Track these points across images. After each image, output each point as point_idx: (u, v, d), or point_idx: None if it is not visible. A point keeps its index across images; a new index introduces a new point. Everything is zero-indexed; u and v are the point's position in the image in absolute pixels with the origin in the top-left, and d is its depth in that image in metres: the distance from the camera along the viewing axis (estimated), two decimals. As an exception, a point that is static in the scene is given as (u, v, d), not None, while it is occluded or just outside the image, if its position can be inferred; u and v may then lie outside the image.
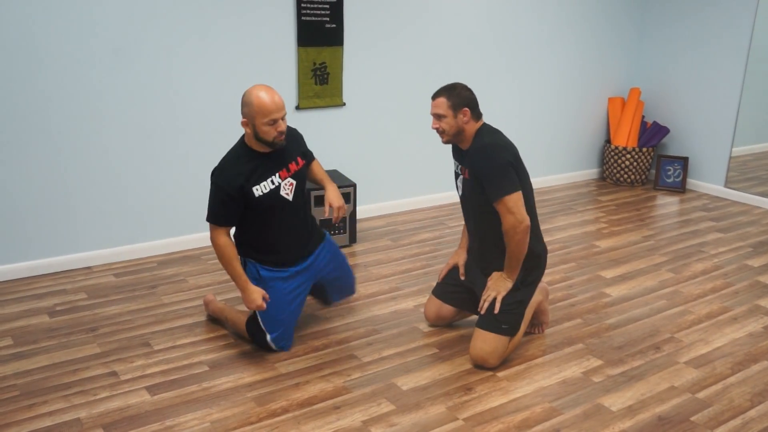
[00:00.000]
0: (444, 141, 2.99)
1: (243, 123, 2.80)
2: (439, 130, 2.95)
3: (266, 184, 2.86)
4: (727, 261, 4.30)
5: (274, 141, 2.80)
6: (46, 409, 2.61)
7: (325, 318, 3.41)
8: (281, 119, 2.77)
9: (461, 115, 2.91)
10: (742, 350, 3.19)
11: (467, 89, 2.94)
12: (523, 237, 2.87)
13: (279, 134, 2.79)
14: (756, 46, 5.39)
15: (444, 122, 2.92)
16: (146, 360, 2.98)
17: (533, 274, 3.04)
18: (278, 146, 2.84)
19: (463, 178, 3.04)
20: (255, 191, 2.83)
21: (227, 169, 2.83)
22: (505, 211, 2.85)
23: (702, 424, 2.62)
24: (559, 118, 5.91)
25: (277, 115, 2.74)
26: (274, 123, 2.75)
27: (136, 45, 3.86)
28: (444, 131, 2.94)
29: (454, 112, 2.90)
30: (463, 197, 3.09)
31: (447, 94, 2.92)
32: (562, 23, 5.64)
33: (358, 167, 4.89)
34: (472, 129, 2.96)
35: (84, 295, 3.62)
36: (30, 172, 3.72)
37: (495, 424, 2.58)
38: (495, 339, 2.93)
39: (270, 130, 2.76)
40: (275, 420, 2.58)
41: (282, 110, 2.76)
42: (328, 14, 4.44)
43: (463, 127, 2.93)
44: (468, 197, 3.04)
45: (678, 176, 5.92)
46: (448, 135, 2.96)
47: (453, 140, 2.99)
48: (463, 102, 2.90)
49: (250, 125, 2.78)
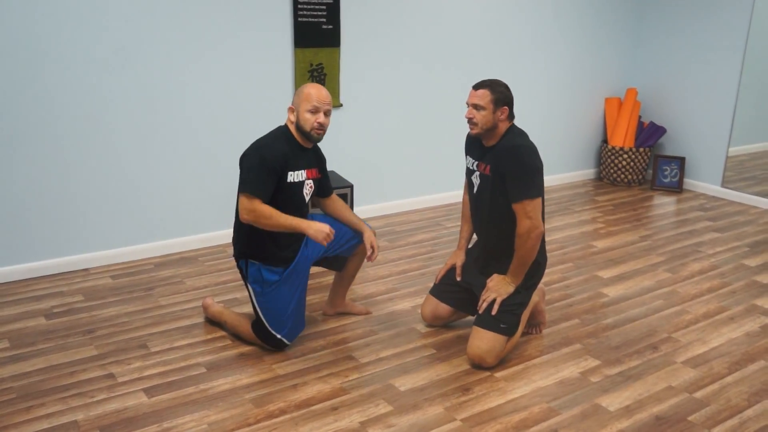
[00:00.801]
0: (473, 132, 2.96)
1: (289, 109, 2.96)
2: (473, 120, 2.92)
3: (298, 173, 2.95)
4: (724, 261, 4.31)
5: (311, 132, 2.90)
6: (43, 411, 2.61)
7: (323, 319, 3.41)
8: (323, 113, 2.89)
9: (499, 112, 2.91)
10: (739, 350, 3.19)
11: (509, 88, 2.95)
12: (535, 243, 2.89)
13: (318, 126, 2.89)
14: (752, 46, 5.40)
15: (481, 114, 2.90)
16: (143, 362, 2.98)
17: (533, 279, 3.05)
18: (313, 139, 2.94)
19: (480, 173, 3.03)
20: (289, 176, 2.91)
21: (272, 144, 2.90)
22: (523, 214, 2.86)
23: (699, 423, 2.62)
24: (556, 119, 5.92)
25: (319, 105, 2.87)
26: (315, 112, 2.87)
27: (135, 46, 3.86)
28: (478, 123, 2.92)
29: (495, 107, 2.90)
30: (477, 194, 3.08)
31: (491, 87, 2.91)
32: (558, 23, 5.64)
33: (355, 168, 4.89)
34: (503, 127, 2.96)
35: (81, 297, 3.62)
36: (27, 173, 3.72)
37: (493, 425, 2.58)
38: (493, 338, 2.93)
39: (310, 118, 2.88)
40: (273, 421, 2.58)
41: (325, 103, 2.89)
42: (324, 15, 4.44)
43: (498, 123, 2.93)
44: (483, 194, 3.03)
45: (675, 176, 5.93)
46: (481, 128, 2.93)
47: (482, 134, 2.96)
48: (505, 100, 2.91)
49: (295, 111, 2.93)
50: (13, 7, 3.48)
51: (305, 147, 3.00)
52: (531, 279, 3.04)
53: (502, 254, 3.04)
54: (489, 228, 3.06)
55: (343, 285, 3.38)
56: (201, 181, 4.26)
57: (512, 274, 2.98)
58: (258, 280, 2.99)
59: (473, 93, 2.94)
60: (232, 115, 4.28)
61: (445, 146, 5.30)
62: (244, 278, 3.04)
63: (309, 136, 2.92)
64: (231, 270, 4.00)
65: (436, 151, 5.27)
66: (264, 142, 2.91)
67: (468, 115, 2.94)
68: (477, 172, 3.05)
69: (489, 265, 3.11)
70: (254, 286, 3.00)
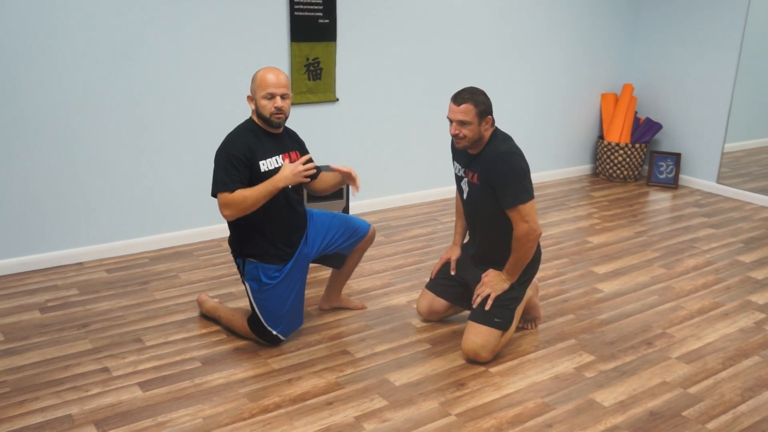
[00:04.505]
0: (460, 146, 2.91)
1: (248, 98, 2.93)
2: (459, 135, 2.86)
3: (271, 161, 2.90)
4: (719, 257, 4.32)
5: (271, 117, 2.86)
6: (38, 405, 2.60)
7: (318, 314, 3.41)
8: (280, 96, 2.84)
9: (485, 123, 2.87)
10: (733, 345, 3.20)
11: (487, 95, 2.89)
12: (533, 245, 2.89)
13: (276, 110, 2.85)
14: (748, 42, 5.40)
15: (468, 129, 2.84)
16: (138, 356, 2.98)
17: (527, 274, 3.06)
18: (275, 124, 2.89)
19: (468, 181, 3.02)
20: (261, 165, 2.86)
21: (235, 139, 2.86)
22: (519, 218, 2.85)
23: (693, 418, 2.63)
24: (551, 114, 5.92)
25: (274, 90, 2.83)
26: (271, 98, 2.83)
27: (129, 40, 3.84)
28: (465, 137, 2.86)
29: (479, 120, 2.84)
30: (468, 200, 3.07)
31: (473, 100, 2.82)
32: (554, 19, 5.64)
33: (350, 163, 4.88)
34: (488, 135, 2.93)
35: (75, 291, 3.61)
36: (21, 167, 3.70)
37: (488, 420, 2.58)
38: (488, 332, 2.93)
39: (267, 104, 2.84)
40: (268, 416, 2.57)
41: (281, 87, 2.84)
42: (321, 9, 4.43)
43: (483, 134, 2.89)
44: (474, 201, 3.02)
45: (670, 172, 5.94)
46: (469, 141, 2.87)
47: (469, 147, 2.92)
48: (488, 110, 2.86)
49: (253, 100, 2.90)
50: (15, 4, 3.47)
51: (274, 133, 2.96)
52: (525, 274, 3.04)
53: (497, 252, 3.05)
54: (483, 231, 3.06)
55: (339, 281, 3.37)
56: (196, 175, 4.25)
57: (508, 273, 2.98)
58: (255, 278, 2.98)
59: (455, 109, 2.84)
60: (227, 110, 4.26)
61: (441, 141, 5.29)
62: (242, 275, 3.04)
63: (270, 122, 2.88)
64: (226, 264, 4.00)
65: (433, 146, 5.27)
66: (229, 138, 2.88)
67: (454, 132, 2.87)
68: (465, 179, 3.04)
69: (484, 261, 3.11)
70: (251, 283, 2.99)
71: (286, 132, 3.06)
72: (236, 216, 2.81)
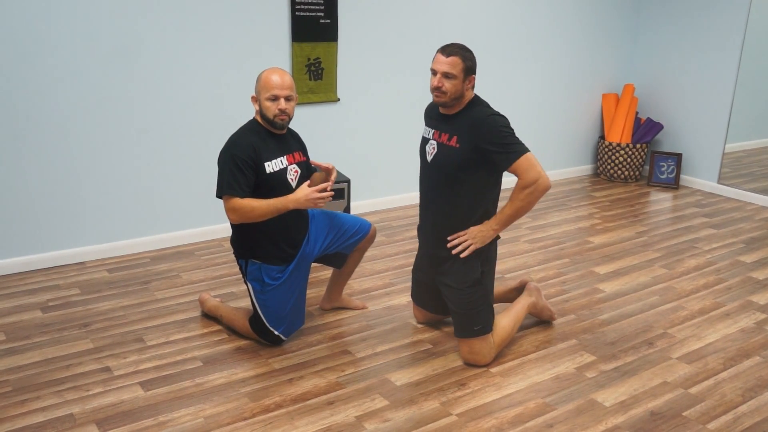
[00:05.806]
0: (439, 101, 2.81)
1: (252, 98, 2.93)
2: (442, 88, 2.77)
3: (276, 162, 2.90)
4: (720, 257, 4.32)
5: (274, 119, 2.86)
6: (39, 404, 2.61)
7: (319, 314, 3.41)
8: (284, 98, 2.84)
9: (468, 82, 2.80)
10: (734, 346, 3.20)
11: (474, 54, 2.82)
12: (539, 195, 2.78)
13: (280, 112, 2.84)
14: (749, 42, 5.40)
15: (452, 83, 2.75)
16: (139, 356, 2.98)
17: (490, 251, 2.96)
18: (279, 126, 2.89)
19: (438, 143, 2.89)
20: (267, 166, 2.86)
21: (240, 140, 2.86)
22: (528, 166, 2.74)
23: (694, 419, 2.63)
24: (553, 114, 5.92)
25: (278, 92, 2.82)
26: (275, 99, 2.83)
27: (130, 41, 3.84)
28: (447, 92, 2.77)
29: (465, 76, 2.78)
30: (431, 164, 2.93)
31: (462, 55, 2.75)
32: (555, 19, 5.64)
33: (352, 163, 4.89)
34: (468, 97, 2.86)
35: (77, 290, 3.61)
36: (22, 167, 3.71)
37: (488, 420, 2.59)
38: (476, 342, 2.92)
39: (271, 106, 2.84)
40: (269, 416, 2.58)
41: (285, 89, 2.83)
42: (322, 10, 4.43)
43: (465, 93, 2.82)
44: (438, 163, 2.89)
45: (671, 172, 5.93)
46: (450, 97, 2.79)
47: (448, 103, 2.82)
48: (473, 68, 2.80)
49: (257, 100, 2.90)
50: (15, 5, 3.48)
51: (278, 134, 2.96)
52: (491, 247, 2.95)
53: (452, 222, 2.91)
54: (440, 200, 2.92)
55: (340, 280, 3.38)
56: (197, 174, 4.25)
57: (498, 222, 2.85)
58: (258, 279, 2.98)
59: (443, 60, 2.74)
60: (229, 109, 4.27)
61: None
62: (244, 275, 3.04)
63: (273, 124, 2.88)
64: (227, 264, 4.00)
65: (433, 146, 5.27)
66: (233, 139, 2.88)
67: (437, 84, 2.75)
68: (431, 140, 2.93)
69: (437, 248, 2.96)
70: (254, 284, 2.99)
71: (290, 133, 3.06)
72: (240, 222, 2.83)
